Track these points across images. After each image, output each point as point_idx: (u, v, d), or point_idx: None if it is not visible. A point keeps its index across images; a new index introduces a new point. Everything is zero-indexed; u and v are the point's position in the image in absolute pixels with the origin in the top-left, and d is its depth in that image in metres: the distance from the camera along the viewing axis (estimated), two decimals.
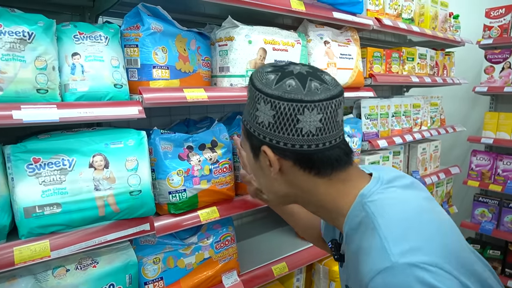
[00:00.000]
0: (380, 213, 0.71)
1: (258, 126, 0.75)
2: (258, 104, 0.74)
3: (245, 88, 1.39)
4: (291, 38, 1.53)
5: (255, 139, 0.77)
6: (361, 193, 0.76)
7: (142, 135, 1.13)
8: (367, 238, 0.69)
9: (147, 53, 1.19)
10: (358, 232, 0.73)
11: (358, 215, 0.74)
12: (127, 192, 1.08)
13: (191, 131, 1.68)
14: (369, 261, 0.66)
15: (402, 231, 0.67)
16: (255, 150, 0.79)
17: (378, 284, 0.62)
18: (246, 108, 0.80)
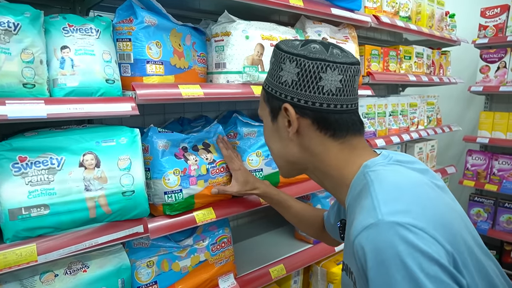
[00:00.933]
0: (378, 179, 0.72)
1: (281, 85, 0.80)
2: (283, 64, 0.79)
3: (242, 85, 1.35)
4: (288, 34, 1.49)
5: (275, 100, 0.82)
6: (365, 164, 0.78)
7: (136, 133, 1.08)
8: (361, 200, 0.71)
9: (140, 47, 1.14)
10: (357, 201, 0.74)
11: (359, 184, 0.75)
12: (120, 192, 1.03)
13: (185, 130, 1.63)
14: (358, 219, 0.67)
15: (396, 194, 0.67)
16: (274, 112, 0.83)
17: (362, 240, 0.64)
18: (268, 73, 0.85)
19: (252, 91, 1.35)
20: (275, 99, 0.82)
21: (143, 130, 1.24)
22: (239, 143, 1.45)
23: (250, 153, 1.44)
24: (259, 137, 1.48)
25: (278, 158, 0.90)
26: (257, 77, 1.37)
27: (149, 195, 1.19)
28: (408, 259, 0.58)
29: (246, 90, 1.34)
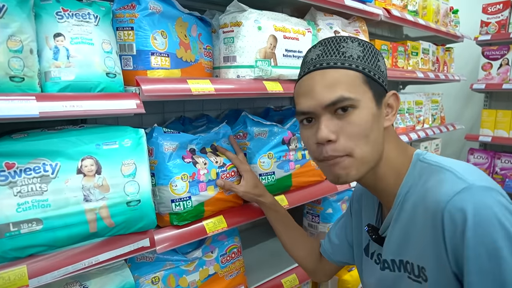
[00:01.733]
0: (442, 160, 0.77)
1: (382, 73, 0.80)
2: (380, 57, 0.82)
3: (254, 81, 1.23)
4: (301, 26, 1.38)
5: (379, 86, 0.79)
6: (416, 153, 0.81)
7: (141, 134, 0.95)
8: (434, 177, 0.73)
9: (144, 37, 1.00)
10: (419, 182, 0.76)
11: (419, 169, 0.78)
12: (124, 202, 0.90)
13: (188, 130, 1.50)
14: (442, 189, 0.69)
15: (469, 169, 0.72)
16: (378, 97, 0.78)
17: (458, 203, 0.65)
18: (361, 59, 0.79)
19: (265, 87, 1.24)
20: (378, 84, 0.79)
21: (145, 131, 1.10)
22: (249, 144, 1.33)
23: (261, 155, 1.32)
24: (270, 137, 1.36)
25: (373, 151, 0.77)
26: (270, 72, 1.26)
27: (154, 203, 1.06)
28: (504, 219, 0.62)
29: (259, 85, 1.22)
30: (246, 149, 1.33)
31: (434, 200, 0.69)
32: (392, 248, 0.82)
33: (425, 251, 0.72)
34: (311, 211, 1.76)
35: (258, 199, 1.19)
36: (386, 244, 0.84)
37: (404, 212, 0.78)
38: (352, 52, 0.78)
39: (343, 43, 0.79)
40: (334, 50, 0.78)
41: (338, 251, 1.10)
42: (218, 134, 1.25)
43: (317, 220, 1.73)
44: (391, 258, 0.82)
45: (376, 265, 0.90)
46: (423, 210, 0.72)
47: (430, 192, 0.71)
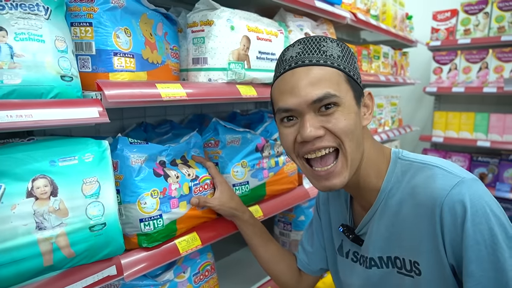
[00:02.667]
0: (423, 157, 0.81)
1: (358, 73, 0.82)
2: (355, 58, 0.84)
3: (227, 85, 1.14)
4: (273, 27, 1.31)
5: (357, 85, 0.80)
6: (393, 151, 0.85)
7: (105, 147, 0.82)
8: (421, 174, 0.76)
9: (105, 34, 0.88)
10: (403, 180, 0.79)
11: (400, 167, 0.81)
12: (86, 227, 0.77)
13: (151, 137, 1.38)
14: (436, 185, 0.72)
15: (451, 164, 0.78)
16: (357, 97, 0.79)
17: (456, 196, 0.69)
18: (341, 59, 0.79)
19: (239, 91, 1.15)
20: (356, 84, 0.80)
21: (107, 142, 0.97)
22: (221, 152, 1.23)
23: (235, 164, 1.23)
24: (244, 145, 1.28)
25: (357, 148, 0.79)
26: (243, 75, 1.17)
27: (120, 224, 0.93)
28: (494, 207, 0.69)
29: (232, 90, 1.14)
30: (218, 158, 1.24)
31: (429, 195, 0.72)
32: (377, 245, 0.83)
33: (418, 245, 0.75)
34: (283, 219, 1.70)
35: (234, 213, 1.11)
36: (368, 242, 0.86)
37: (389, 209, 0.81)
38: (333, 51, 0.78)
39: (323, 43, 0.79)
40: (315, 49, 0.78)
41: (314, 258, 1.08)
42: (189, 144, 1.14)
43: (289, 228, 1.68)
44: (378, 255, 0.83)
45: (354, 263, 0.91)
46: (413, 206, 0.75)
47: (421, 188, 0.75)
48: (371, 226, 0.84)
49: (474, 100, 3.18)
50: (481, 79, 2.86)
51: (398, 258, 0.80)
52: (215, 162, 1.24)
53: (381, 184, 0.82)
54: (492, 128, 2.83)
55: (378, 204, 0.82)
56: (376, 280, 0.85)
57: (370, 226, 0.85)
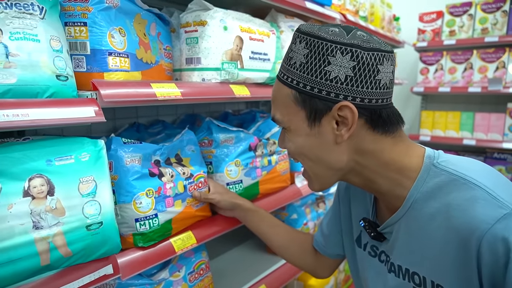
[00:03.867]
0: (464, 168, 0.68)
1: (330, 83, 0.67)
2: (332, 57, 0.66)
3: (221, 84, 1.15)
4: (265, 28, 1.33)
5: (321, 101, 0.68)
6: (427, 155, 0.72)
7: (101, 146, 0.82)
8: (459, 193, 0.65)
9: (100, 34, 0.88)
10: (439, 194, 0.68)
11: (434, 177, 0.69)
12: (83, 226, 0.77)
13: (143, 137, 1.38)
14: (476, 213, 0.62)
15: (497, 181, 0.66)
16: (317, 114, 0.70)
17: (500, 232, 0.59)
18: (301, 69, 0.69)
19: (232, 90, 1.16)
20: (319, 99, 0.69)
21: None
22: (215, 151, 1.24)
23: (228, 163, 1.24)
24: (237, 144, 1.29)
25: (317, 167, 0.75)
26: (236, 75, 1.19)
27: None
28: None
29: (226, 89, 1.15)
30: (212, 157, 1.25)
31: (466, 224, 0.63)
32: (400, 252, 0.76)
33: (446, 269, 0.67)
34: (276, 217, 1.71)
35: (235, 202, 1.12)
36: (393, 244, 0.78)
37: (415, 221, 0.72)
38: (297, 58, 0.70)
39: (293, 45, 0.72)
40: (286, 55, 0.74)
41: (330, 242, 1.03)
42: (182, 141, 1.15)
43: None
44: (399, 263, 0.76)
45: (372, 257, 0.85)
46: (445, 228, 0.66)
47: (457, 212, 0.64)
48: (396, 229, 0.76)
49: (459, 100, 3.25)
50: (466, 79, 2.94)
51: (417, 274, 0.72)
52: (208, 161, 1.25)
53: (406, 193, 0.72)
54: (477, 127, 2.91)
55: (403, 212, 0.73)
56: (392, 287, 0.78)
57: (395, 228, 0.76)
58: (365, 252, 0.88)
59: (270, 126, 1.44)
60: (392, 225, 0.77)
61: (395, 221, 0.75)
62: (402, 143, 0.74)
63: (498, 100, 3.03)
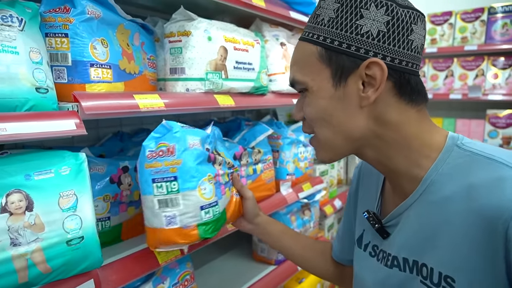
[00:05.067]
0: (490, 149, 0.63)
1: (360, 38, 0.63)
2: (365, 10, 0.63)
3: (205, 95, 1.15)
4: (250, 37, 1.34)
5: (348, 57, 0.64)
6: (450, 136, 0.68)
7: (82, 159, 0.81)
8: (485, 173, 0.59)
9: (82, 46, 0.87)
10: (458, 176, 0.62)
11: (456, 158, 0.64)
12: (63, 242, 0.75)
13: (127, 146, 1.37)
14: (506, 193, 0.55)
15: None
16: (343, 73, 0.65)
17: None
18: (330, 24, 0.65)
19: (217, 100, 1.16)
20: (347, 55, 0.64)
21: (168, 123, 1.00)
22: None
23: None
24: None
25: (335, 135, 0.69)
26: (221, 85, 1.19)
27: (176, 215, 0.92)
28: None
29: (210, 99, 1.15)
30: None
31: (494, 205, 0.56)
32: (406, 243, 0.70)
33: (461, 259, 0.60)
34: None
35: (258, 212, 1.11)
36: (396, 236, 0.72)
37: (428, 206, 0.66)
38: (325, 14, 0.66)
39: (322, 1, 0.68)
40: (313, 13, 0.70)
41: (346, 248, 0.97)
42: (214, 135, 1.10)
43: None
44: (404, 255, 0.70)
45: (372, 257, 0.80)
46: (466, 212, 0.59)
47: (482, 192, 0.58)
48: (404, 219, 0.71)
49: (441, 106, 3.33)
50: (447, 86, 3.01)
51: (425, 265, 0.66)
52: None
53: (423, 174, 0.66)
54: (458, 133, 2.96)
55: (417, 196, 0.68)
56: (394, 283, 0.72)
57: (402, 219, 0.71)
58: (365, 253, 0.82)
59: (255, 135, 1.44)
60: (399, 215, 0.72)
61: (404, 209, 0.70)
62: (426, 119, 0.69)
63: (478, 106, 3.12)
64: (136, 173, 1.11)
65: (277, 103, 1.49)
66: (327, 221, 2.13)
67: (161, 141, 0.91)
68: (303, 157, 1.74)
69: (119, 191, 1.07)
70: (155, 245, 0.93)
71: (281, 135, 1.62)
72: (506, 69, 2.86)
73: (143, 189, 0.92)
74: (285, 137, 1.62)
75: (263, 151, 1.48)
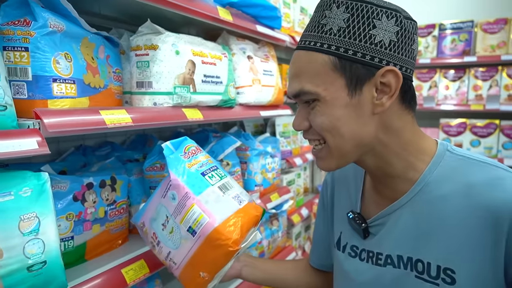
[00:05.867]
0: (477, 155, 0.71)
1: (374, 47, 0.66)
2: (378, 20, 0.65)
3: (172, 109, 1.14)
4: (217, 51, 1.34)
5: (364, 66, 0.66)
6: (440, 142, 0.75)
7: (44, 179, 0.77)
8: (482, 173, 0.67)
9: (43, 60, 0.83)
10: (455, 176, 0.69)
11: (449, 161, 0.71)
12: (24, 268, 0.71)
13: (91, 161, 1.32)
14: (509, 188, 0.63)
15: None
16: (358, 82, 0.67)
17: None
18: (342, 34, 0.67)
19: (185, 114, 1.16)
20: (362, 64, 0.66)
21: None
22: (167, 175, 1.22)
23: None
24: None
25: (346, 143, 0.70)
26: (189, 99, 1.18)
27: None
28: None
29: (178, 113, 1.14)
30: None
31: (498, 200, 0.63)
32: (399, 241, 0.73)
33: (461, 251, 0.65)
34: None
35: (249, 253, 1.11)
36: (385, 236, 0.76)
37: (424, 205, 0.71)
38: (333, 23, 0.67)
39: (327, 11, 0.68)
40: (315, 22, 0.70)
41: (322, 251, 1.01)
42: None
43: None
44: (398, 253, 0.73)
45: (353, 258, 0.82)
46: (466, 207, 0.65)
47: (483, 190, 0.65)
48: (394, 218, 0.75)
49: None
50: None
51: (421, 261, 0.70)
52: None
53: (418, 176, 0.72)
54: None
55: (411, 196, 0.72)
56: (388, 281, 0.74)
57: (392, 218, 0.75)
58: (344, 254, 0.85)
59: (224, 147, 1.44)
60: (387, 215, 0.75)
61: (396, 208, 0.74)
62: (416, 124, 0.75)
63: (432, 116, 3.31)
64: (102, 188, 1.08)
65: (245, 115, 1.50)
66: (294, 229, 2.16)
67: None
68: (271, 168, 1.77)
69: (83, 208, 1.03)
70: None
71: (249, 147, 1.63)
72: (455, 81, 3.07)
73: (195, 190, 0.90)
74: (253, 149, 1.64)
75: (232, 163, 1.48)
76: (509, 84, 2.90)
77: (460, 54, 2.99)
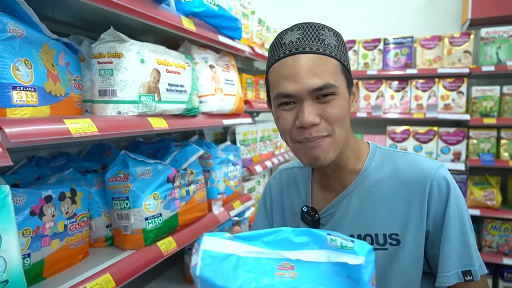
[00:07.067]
0: (399, 150, 0.96)
1: (349, 63, 0.89)
2: (347, 51, 0.90)
3: (138, 117, 1.12)
4: (181, 60, 1.35)
5: (349, 74, 0.88)
6: (370, 142, 0.97)
7: (5, 192, 0.73)
8: (404, 159, 0.91)
9: (2, 66, 0.79)
10: (385, 165, 0.91)
11: (380, 155, 0.94)
12: None
13: (45, 173, 1.26)
14: (424, 165, 0.88)
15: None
16: (349, 86, 0.87)
17: (442, 174, 0.86)
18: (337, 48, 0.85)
19: (150, 123, 1.15)
20: (349, 73, 0.87)
21: None
22: (132, 185, 1.19)
23: (147, 197, 1.20)
24: (155, 177, 1.25)
25: (345, 133, 0.87)
26: (154, 108, 1.17)
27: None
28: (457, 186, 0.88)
29: (144, 122, 1.13)
30: (129, 192, 1.19)
31: (419, 173, 0.87)
32: (349, 224, 0.91)
33: (399, 218, 0.86)
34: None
35: None
36: (336, 222, 0.92)
37: (366, 190, 0.90)
38: (330, 40, 0.83)
39: (321, 31, 0.84)
40: (314, 36, 0.82)
41: None
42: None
43: None
44: (350, 234, 0.90)
45: None
46: (399, 185, 0.88)
47: (407, 169, 0.88)
48: (342, 207, 0.92)
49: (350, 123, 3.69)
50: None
51: (369, 235, 0.88)
52: (125, 197, 1.19)
53: (360, 167, 0.92)
54: None
55: (355, 185, 0.91)
56: None
57: (340, 207, 0.92)
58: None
59: (187, 156, 1.44)
60: (336, 205, 0.92)
61: (344, 197, 0.92)
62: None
63: (380, 123, 3.54)
64: (61, 201, 1.03)
65: (208, 124, 1.51)
66: None
67: None
68: (233, 176, 1.78)
69: (41, 223, 0.98)
70: None
71: (211, 155, 1.64)
72: (399, 92, 3.32)
73: None
74: (215, 157, 1.65)
75: (195, 171, 1.48)
76: (445, 95, 3.19)
77: (403, 67, 3.24)
